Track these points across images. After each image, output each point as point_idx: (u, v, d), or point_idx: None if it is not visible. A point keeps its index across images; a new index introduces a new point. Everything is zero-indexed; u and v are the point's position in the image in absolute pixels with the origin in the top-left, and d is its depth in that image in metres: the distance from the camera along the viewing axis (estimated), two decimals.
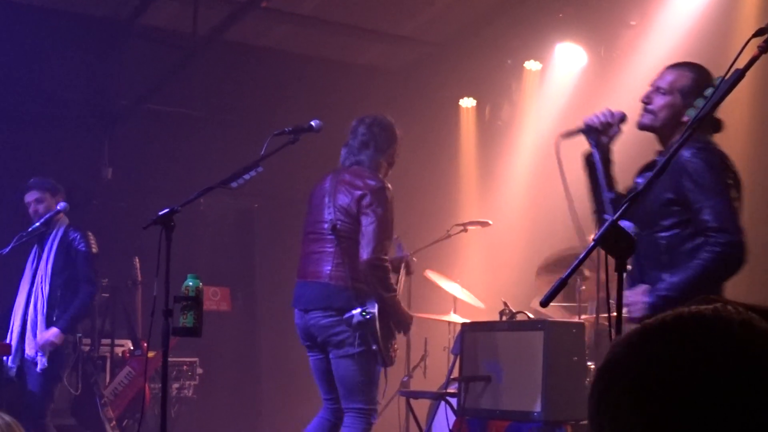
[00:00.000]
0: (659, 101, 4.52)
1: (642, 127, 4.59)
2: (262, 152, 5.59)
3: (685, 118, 4.45)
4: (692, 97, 4.46)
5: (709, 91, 3.36)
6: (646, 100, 4.56)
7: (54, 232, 8.00)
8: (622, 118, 4.54)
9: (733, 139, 8.48)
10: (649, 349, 1.27)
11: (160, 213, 5.27)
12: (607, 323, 5.60)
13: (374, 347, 6.16)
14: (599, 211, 4.68)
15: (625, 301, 4.19)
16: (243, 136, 10.69)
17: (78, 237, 7.99)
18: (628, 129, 4.61)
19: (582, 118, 4.57)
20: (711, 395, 1.21)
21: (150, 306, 5.17)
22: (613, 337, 3.52)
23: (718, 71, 3.68)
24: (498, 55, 10.81)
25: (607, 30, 9.59)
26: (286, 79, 11.47)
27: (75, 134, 10.90)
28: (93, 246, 8.04)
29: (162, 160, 11.22)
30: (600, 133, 4.53)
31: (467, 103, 11.70)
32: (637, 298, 4.32)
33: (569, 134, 4.53)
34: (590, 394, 1.33)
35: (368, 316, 6.13)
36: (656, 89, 4.56)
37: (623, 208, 3.45)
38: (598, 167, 4.55)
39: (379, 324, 6.18)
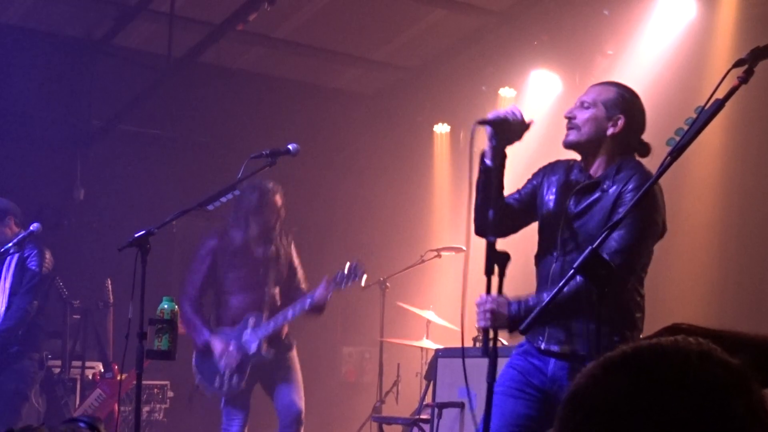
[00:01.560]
0: (583, 115, 4.36)
1: (568, 144, 4.41)
2: (239, 175, 5.58)
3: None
4: (616, 111, 4.32)
5: (689, 121, 3.37)
6: (570, 115, 4.40)
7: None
8: (529, 124, 4.29)
9: (709, 168, 8.56)
10: (609, 381, 1.30)
11: (136, 235, 5.24)
12: None
13: None
14: (482, 228, 4.43)
15: (486, 306, 4.10)
16: (217, 158, 10.69)
17: (33, 254, 7.87)
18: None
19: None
20: (666, 425, 1.23)
21: (121, 328, 5.15)
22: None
23: (694, 101, 3.69)
24: (473, 81, 10.84)
25: (583, 57, 9.64)
26: (261, 102, 11.46)
27: (47, 154, 10.86)
28: (45, 265, 7.93)
29: (134, 181, 11.18)
30: (508, 131, 4.25)
31: (441, 128, 11.73)
32: (501, 307, 4.12)
33: (484, 123, 4.25)
34: (555, 424, 1.35)
35: None
36: (580, 104, 4.40)
37: (602, 237, 3.46)
38: (489, 169, 4.29)
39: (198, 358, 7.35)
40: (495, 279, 4.03)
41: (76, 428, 2.56)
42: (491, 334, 4.05)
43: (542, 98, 10.28)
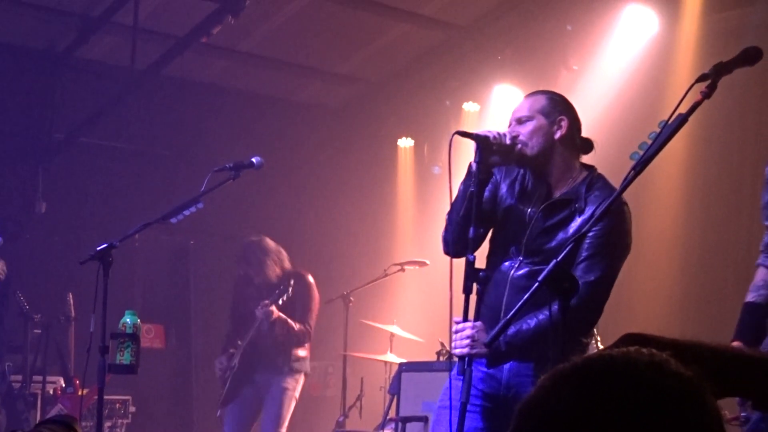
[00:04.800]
0: (526, 129, 4.28)
1: (522, 163, 4.31)
2: (203, 188, 5.57)
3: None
4: (556, 114, 4.29)
5: (652, 135, 3.38)
6: (513, 134, 4.28)
7: None
8: (520, 151, 4.25)
9: (665, 190, 8.62)
10: (557, 392, 1.29)
11: (98, 248, 5.21)
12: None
13: None
14: (456, 246, 4.31)
15: (466, 333, 4.06)
16: (180, 171, 10.64)
17: None
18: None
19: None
20: None
21: (83, 342, 5.11)
22: None
23: (657, 116, 3.70)
24: (436, 95, 10.86)
25: (546, 72, 9.64)
26: (225, 115, 11.42)
27: (8, 167, 10.77)
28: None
29: (97, 194, 11.10)
30: (492, 152, 4.21)
31: (405, 143, 11.72)
32: (481, 334, 4.08)
33: (466, 135, 4.21)
34: None
35: None
36: (517, 121, 4.33)
37: (566, 250, 3.47)
38: (468, 189, 4.23)
39: None
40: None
41: (55, 429, 2.55)
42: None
43: (506, 113, 10.25)
